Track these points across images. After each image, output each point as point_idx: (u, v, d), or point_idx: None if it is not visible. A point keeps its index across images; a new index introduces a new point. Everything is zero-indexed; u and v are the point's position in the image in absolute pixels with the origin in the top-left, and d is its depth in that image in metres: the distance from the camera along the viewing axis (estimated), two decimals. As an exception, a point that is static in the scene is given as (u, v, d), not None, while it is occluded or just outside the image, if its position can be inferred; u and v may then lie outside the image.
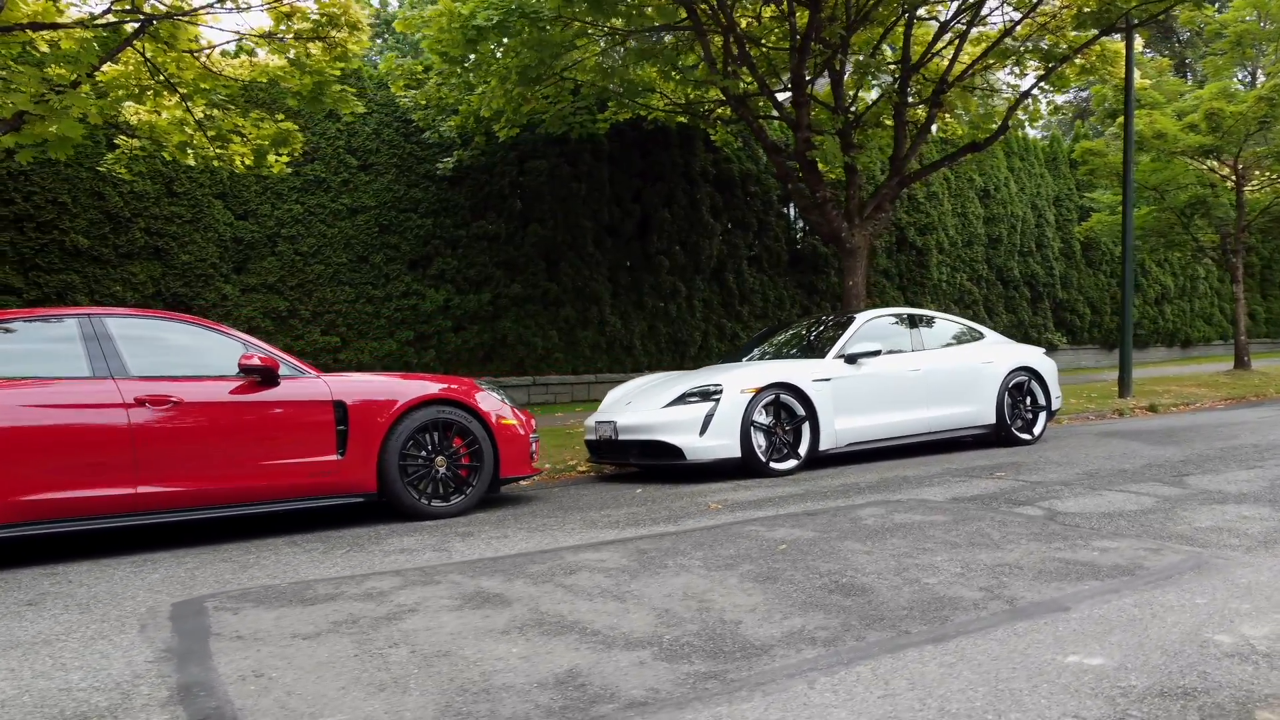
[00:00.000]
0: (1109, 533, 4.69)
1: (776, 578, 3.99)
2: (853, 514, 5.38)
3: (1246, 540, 4.42)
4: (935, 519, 5.15)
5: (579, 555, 4.52)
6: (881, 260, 18.01)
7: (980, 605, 3.52)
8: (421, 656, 3.10)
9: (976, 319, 19.22)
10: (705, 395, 7.02)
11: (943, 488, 6.23)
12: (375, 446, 5.51)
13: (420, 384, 5.74)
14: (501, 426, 5.94)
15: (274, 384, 5.31)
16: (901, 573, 4.01)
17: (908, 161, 11.83)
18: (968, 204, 19.35)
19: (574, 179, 14.57)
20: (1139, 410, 12.27)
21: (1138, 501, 5.49)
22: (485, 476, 5.87)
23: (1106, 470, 6.72)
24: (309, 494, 5.36)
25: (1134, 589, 3.68)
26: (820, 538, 4.76)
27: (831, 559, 4.28)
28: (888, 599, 3.64)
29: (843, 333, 7.87)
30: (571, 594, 3.81)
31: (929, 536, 4.70)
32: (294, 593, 3.97)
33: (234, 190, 12.15)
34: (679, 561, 4.32)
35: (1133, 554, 4.23)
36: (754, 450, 6.94)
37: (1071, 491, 5.90)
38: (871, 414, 7.59)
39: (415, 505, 5.64)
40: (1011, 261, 20.00)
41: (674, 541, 4.78)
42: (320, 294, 12.65)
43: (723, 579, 3.99)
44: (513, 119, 11.20)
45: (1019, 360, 8.52)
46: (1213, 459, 7.07)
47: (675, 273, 15.66)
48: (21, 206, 10.72)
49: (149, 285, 11.45)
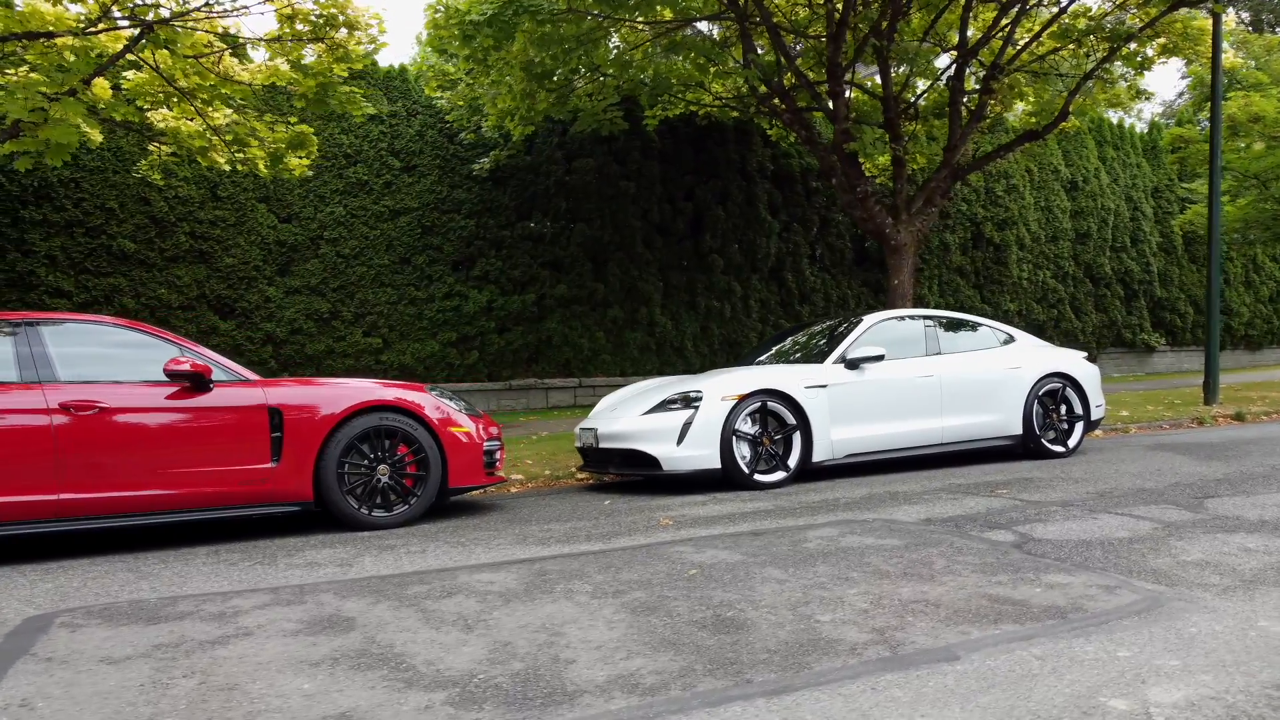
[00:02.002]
0: (1072, 565, 4.15)
1: (657, 609, 3.63)
2: (801, 535, 4.94)
3: (1229, 579, 3.83)
4: (887, 543, 4.68)
5: (473, 576, 4.25)
6: (956, 257, 17.13)
7: (858, 651, 3.10)
8: (207, 689, 2.89)
9: (1061, 318, 18.12)
10: (686, 402, 6.65)
11: (925, 506, 5.70)
12: (312, 454, 5.35)
13: (362, 390, 5.57)
14: (450, 435, 5.71)
15: (206, 390, 5.22)
16: (800, 607, 3.60)
17: (958, 152, 11.11)
18: (1052, 197, 18.23)
19: (623, 177, 14.30)
20: (1222, 419, 11.25)
21: (1134, 527, 4.88)
22: (431, 486, 5.66)
23: (1124, 489, 6.06)
24: (241, 502, 5.24)
25: (1053, 636, 3.19)
26: (744, 562, 4.36)
27: (735, 588, 3.89)
28: (759, 639, 3.24)
29: (847, 336, 7.36)
30: (425, 621, 3.54)
31: (863, 564, 4.24)
32: (152, 610, 3.82)
33: (277, 194, 12.35)
34: (570, 586, 4.00)
35: (1081, 592, 3.71)
36: (736, 461, 6.53)
37: (1066, 514, 5.31)
38: (874, 423, 7.07)
39: (354, 515, 5.47)
40: (1102, 258, 18.76)
41: (586, 562, 4.46)
42: (362, 295, 12.75)
43: (598, 609, 3.65)
44: (527, 116, 10.99)
45: (1052, 366, 7.82)
46: (1256, 479, 6.30)
47: (730, 272, 15.22)
48: (72, 213, 11.12)
49: (193, 288, 11.73)
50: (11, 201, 10.81)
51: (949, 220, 17.08)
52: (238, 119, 9.21)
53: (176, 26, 7.70)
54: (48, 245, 10.96)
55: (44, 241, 10.95)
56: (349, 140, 12.88)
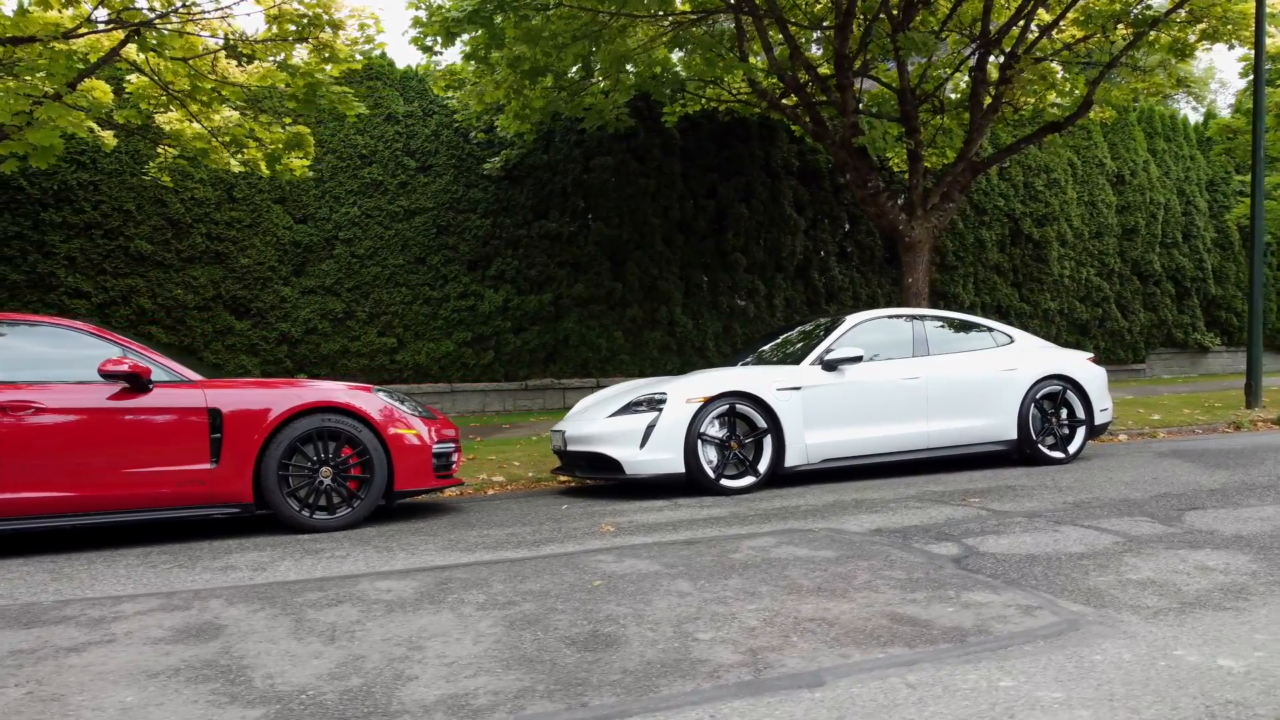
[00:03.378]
0: (1004, 582, 3.88)
1: (537, 622, 3.47)
2: (735, 545, 4.73)
3: (1167, 600, 3.53)
4: (820, 555, 4.44)
5: (375, 583, 4.14)
6: (993, 255, 16.58)
7: (719, 673, 2.91)
8: (30, 699, 2.82)
9: (1107, 317, 17.44)
10: (651, 405, 6.46)
11: (884, 515, 5.44)
12: (252, 456, 5.31)
13: (304, 391, 5.51)
14: (396, 437, 5.62)
15: (145, 390, 5.20)
16: (687, 623, 3.41)
17: (974, 145, 10.70)
18: (1097, 191, 17.55)
19: (642, 175, 14.14)
20: (1262, 424, 10.66)
21: (1093, 541, 4.57)
22: (376, 489, 5.57)
23: (1106, 499, 5.71)
24: (179, 504, 5.22)
25: (939, 662, 2.96)
26: (658, 573, 4.17)
27: (631, 601, 3.71)
28: (623, 657, 3.07)
29: (827, 336, 7.09)
30: (294, 631, 3.44)
31: (780, 578, 4.03)
32: (38, 613, 3.79)
33: (293, 195, 12.46)
34: (464, 596, 3.87)
35: (996, 613, 3.45)
36: (701, 466, 6.32)
37: (1027, 526, 5.00)
38: (852, 427, 6.79)
39: (295, 518, 5.41)
40: (1151, 254, 18.00)
41: (496, 571, 4.31)
42: (376, 295, 12.80)
43: (477, 621, 3.50)
44: (521, 114, 10.87)
45: (1051, 368, 7.44)
46: (1254, 489, 5.89)
47: (754, 270, 14.95)
48: (91, 215, 11.36)
49: (209, 288, 11.90)
50: (33, 205, 11.08)
51: (985, 216, 16.56)
52: (238, 120, 9.28)
53: (164, 29, 7.76)
54: (67, 247, 11.21)
55: (64, 243, 11.21)
56: (364, 141, 12.94)
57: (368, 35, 9.27)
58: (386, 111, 13.11)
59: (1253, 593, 3.62)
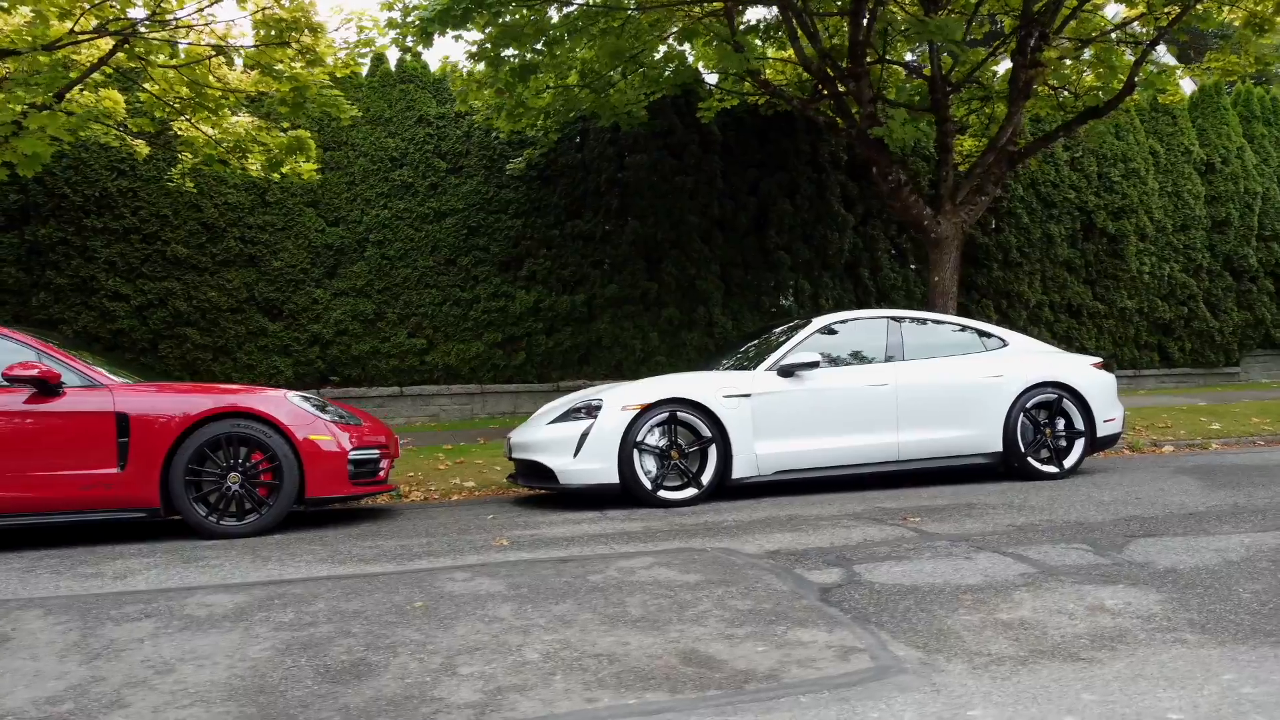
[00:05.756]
0: (854, 617, 3.51)
1: (311, 647, 3.29)
2: (604, 565, 4.44)
3: (1017, 649, 3.10)
4: (684, 579, 4.12)
5: (206, 596, 4.03)
6: (1062, 250, 15.57)
7: (436, 716, 2.67)
8: None
9: (1193, 316, 16.17)
10: (589, 412, 6.20)
11: (797, 535, 5.04)
12: (158, 461, 5.31)
13: (213, 397, 5.48)
14: (308, 443, 5.54)
15: (54, 395, 5.26)
16: (462, 654, 3.17)
17: (1005, 134, 9.99)
18: (1182, 181, 16.27)
19: (679, 172, 13.81)
20: (1337, 435, 9.65)
21: (999, 572, 4.11)
22: (286, 495, 5.50)
23: (1057, 523, 5.16)
24: (86, 508, 5.26)
25: (689, 711, 2.67)
26: (495, 595, 3.94)
27: (430, 627, 3.49)
28: (359, 690, 2.87)
29: (790, 339, 6.68)
30: (76, 646, 3.36)
31: (613, 604, 3.74)
32: None
33: (325, 198, 12.66)
34: (271, 615, 3.71)
35: (811, 654, 3.11)
36: (637, 476, 6.02)
37: (941, 552, 4.55)
38: (809, 437, 6.36)
39: (202, 523, 5.38)
40: (1246, 248, 16.59)
41: (334, 588, 4.15)
42: (407, 297, 12.89)
43: (255, 644, 3.35)
44: (514, 113, 10.70)
45: (1044, 374, 6.82)
46: (1239, 515, 5.24)
47: (798, 269, 14.43)
48: (130, 220, 11.79)
49: (242, 290, 12.20)
50: (75, 211, 11.57)
51: (1054, 210, 15.57)
52: (244, 126, 9.43)
53: (151, 38, 7.92)
54: (108, 252, 11.66)
55: (105, 248, 11.66)
56: (395, 144, 13.05)
57: (366, 39, 9.30)
58: (419, 114, 13.19)
59: (1125, 641, 3.15)
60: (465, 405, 13.32)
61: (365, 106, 13.01)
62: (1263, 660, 2.93)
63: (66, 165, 11.51)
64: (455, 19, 7.83)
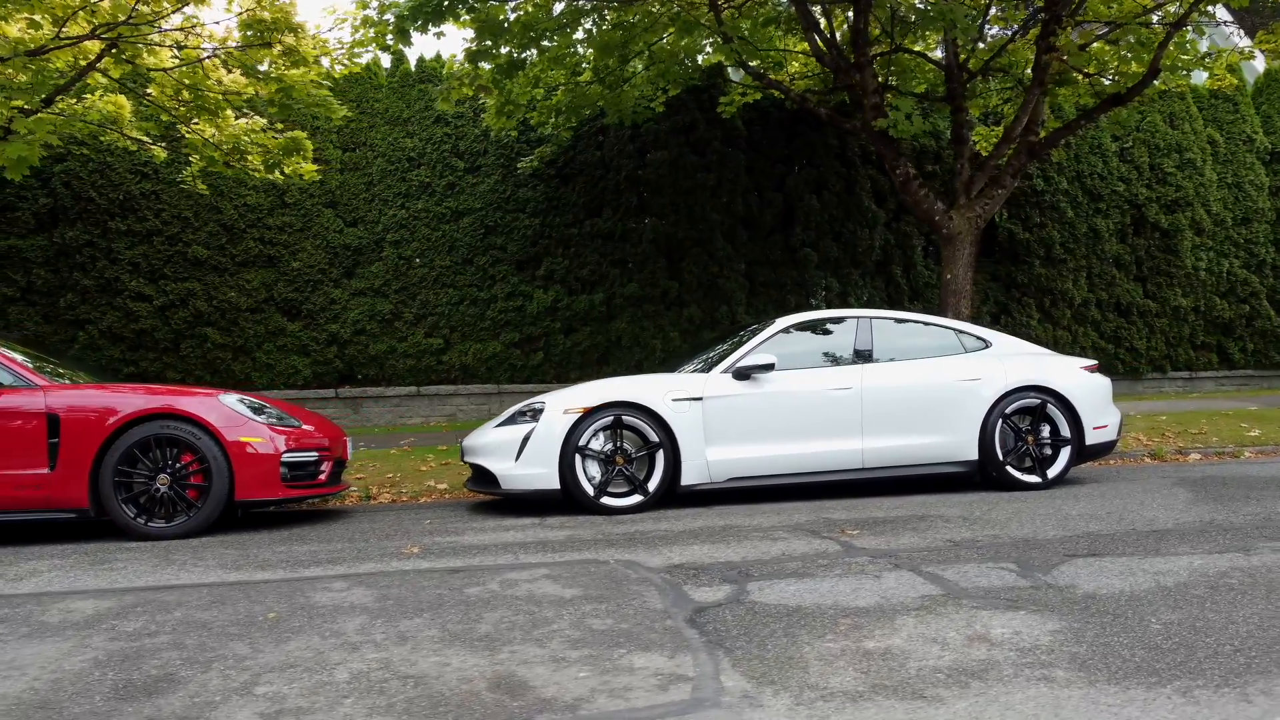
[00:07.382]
0: (712, 641, 3.28)
1: (129, 660, 3.19)
2: (490, 577, 4.26)
3: (860, 683, 2.84)
4: (560, 594, 3.92)
5: (76, 603, 3.98)
6: (1111, 246, 14.81)
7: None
8: None
9: (1256, 315, 15.23)
10: (533, 415, 6.03)
11: (716, 548, 4.78)
12: (88, 461, 5.32)
13: (144, 397, 5.47)
14: (238, 445, 5.49)
15: (-13, 395, 5.31)
16: (271, 672, 3.04)
17: (1021, 122, 9.48)
18: (1243, 171, 15.33)
19: (701, 168, 13.53)
20: (1387, 444, 8.93)
21: (899, 594, 3.81)
22: (215, 498, 5.46)
23: (1006, 539, 4.80)
24: (16, 507, 5.30)
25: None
26: (357, 608, 3.80)
27: (257, 641, 3.37)
28: (117, 710, 2.74)
29: (748, 341, 6.39)
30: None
31: (466, 620, 3.56)
32: None
33: (343, 198, 12.76)
34: (115, 624, 3.64)
35: (632, 682, 2.90)
36: (579, 482, 5.82)
37: (854, 569, 4.25)
38: (765, 443, 6.07)
39: (130, 524, 5.38)
40: (1315, 242, 15.56)
41: (204, 595, 4.06)
42: (423, 296, 12.91)
43: (66, 656, 3.26)
44: (504, 109, 10.54)
45: (1027, 378, 6.39)
46: (1205, 533, 4.80)
47: (826, 267, 14.02)
48: (152, 223, 12.05)
49: (261, 291, 12.37)
50: (100, 214, 11.88)
51: (1100, 203, 14.82)
52: (242, 127, 9.52)
53: (138, 43, 8.02)
54: (131, 253, 11.94)
55: (128, 250, 11.94)
56: (413, 144, 13.08)
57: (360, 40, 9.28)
58: (436, 114, 13.20)
59: (984, 678, 2.85)
60: (482, 405, 13.28)
61: (384, 107, 13.09)
62: (1126, 704, 2.60)
63: (93, 169, 11.82)
64: (429, 15, 7.74)
